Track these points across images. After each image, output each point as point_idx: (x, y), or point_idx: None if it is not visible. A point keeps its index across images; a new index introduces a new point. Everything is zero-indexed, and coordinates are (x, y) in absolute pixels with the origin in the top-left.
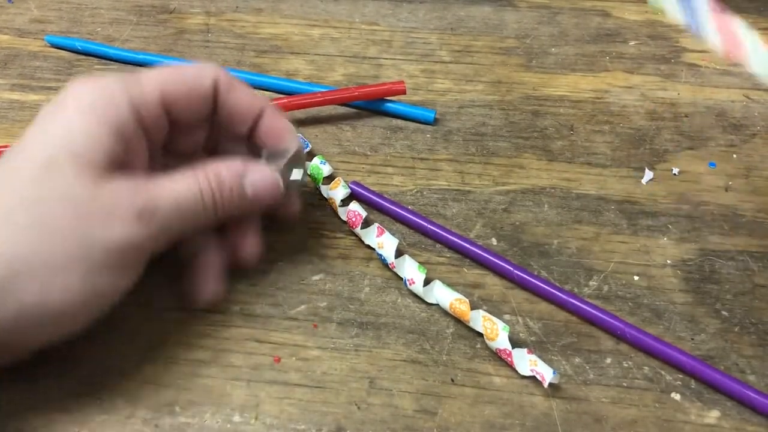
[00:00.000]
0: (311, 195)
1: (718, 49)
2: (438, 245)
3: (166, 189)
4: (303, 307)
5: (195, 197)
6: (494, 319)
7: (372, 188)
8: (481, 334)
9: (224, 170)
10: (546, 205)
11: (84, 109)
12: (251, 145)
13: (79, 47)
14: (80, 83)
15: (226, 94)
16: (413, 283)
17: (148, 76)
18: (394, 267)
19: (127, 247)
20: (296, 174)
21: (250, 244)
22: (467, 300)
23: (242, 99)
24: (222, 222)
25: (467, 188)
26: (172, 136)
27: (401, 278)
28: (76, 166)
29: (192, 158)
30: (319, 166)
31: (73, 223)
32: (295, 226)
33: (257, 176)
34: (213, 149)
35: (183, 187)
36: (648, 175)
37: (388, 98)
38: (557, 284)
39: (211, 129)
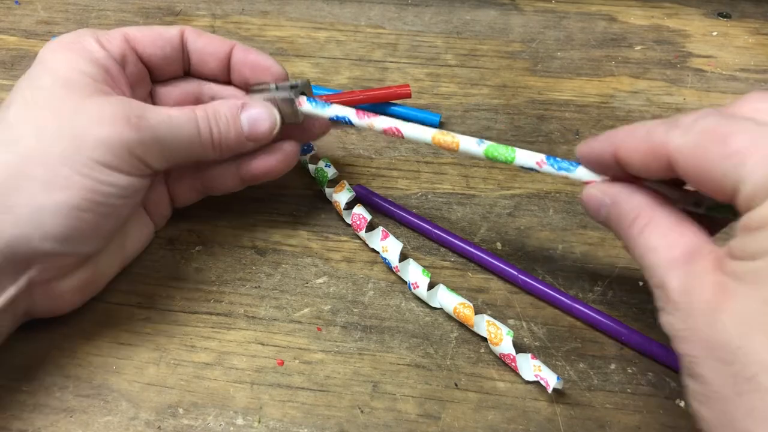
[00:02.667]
0: (316, 198)
1: None
2: (442, 249)
3: (157, 108)
4: (307, 310)
5: (190, 120)
6: (498, 323)
7: (377, 191)
8: (485, 339)
9: (221, 104)
10: (551, 210)
11: (56, 49)
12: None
13: None
14: (48, 43)
15: (194, 39)
16: (417, 287)
17: (116, 29)
18: (398, 271)
19: (118, 145)
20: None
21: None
22: (471, 304)
23: (210, 41)
24: (223, 157)
25: (472, 192)
26: (155, 88)
27: (405, 282)
28: (64, 87)
29: None
30: (324, 169)
31: (64, 126)
32: (300, 229)
33: (254, 111)
34: None
35: (177, 111)
36: None
37: (393, 102)
38: (562, 289)
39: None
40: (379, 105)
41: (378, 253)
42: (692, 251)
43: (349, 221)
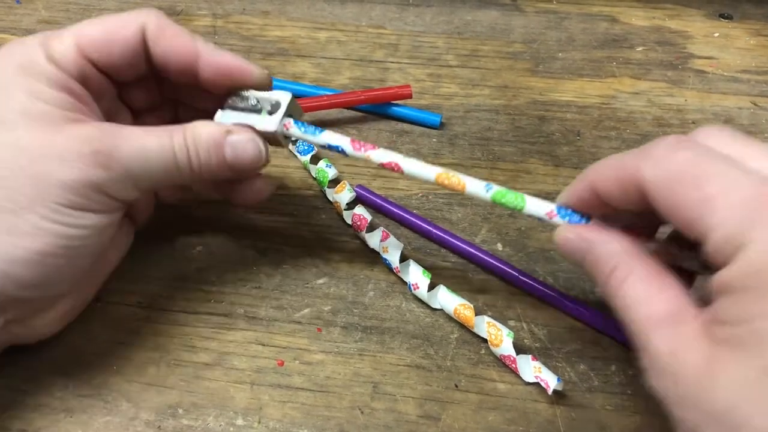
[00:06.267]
0: (316, 198)
1: None
2: (443, 250)
3: (132, 137)
4: (307, 310)
5: (165, 151)
6: (499, 325)
7: (377, 192)
8: (485, 340)
9: (204, 130)
10: None
11: (11, 72)
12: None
13: None
14: None
15: (154, 40)
16: (418, 287)
17: (68, 29)
18: (399, 271)
19: (86, 187)
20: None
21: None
22: (472, 305)
23: (172, 42)
24: (206, 180)
25: None
26: (123, 90)
27: (406, 283)
28: (28, 122)
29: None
30: (325, 169)
31: (28, 168)
32: (300, 229)
33: (236, 139)
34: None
35: (153, 140)
36: None
37: (394, 102)
38: (562, 290)
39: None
40: (380, 105)
41: (378, 253)
42: (676, 313)
43: (349, 222)
